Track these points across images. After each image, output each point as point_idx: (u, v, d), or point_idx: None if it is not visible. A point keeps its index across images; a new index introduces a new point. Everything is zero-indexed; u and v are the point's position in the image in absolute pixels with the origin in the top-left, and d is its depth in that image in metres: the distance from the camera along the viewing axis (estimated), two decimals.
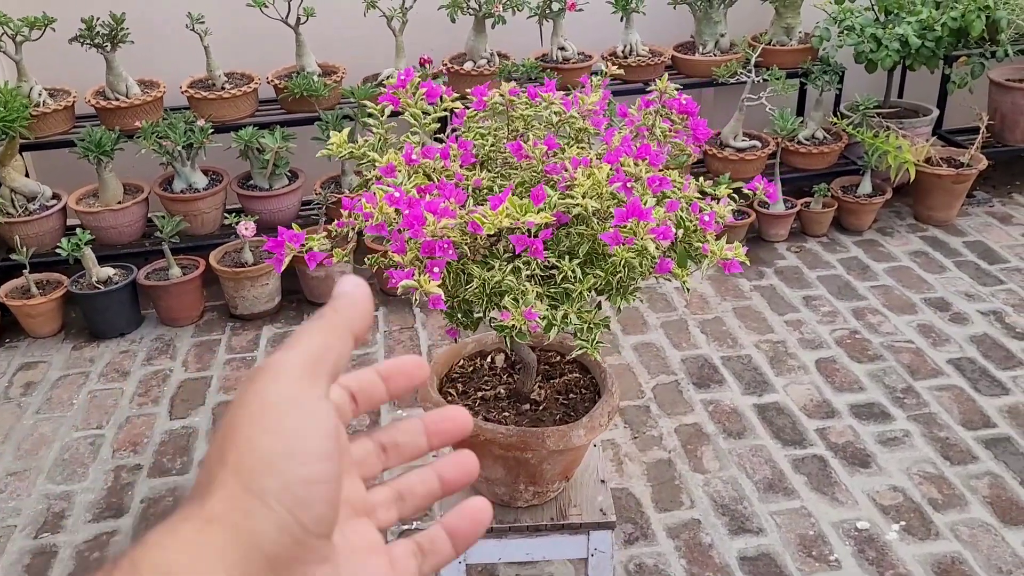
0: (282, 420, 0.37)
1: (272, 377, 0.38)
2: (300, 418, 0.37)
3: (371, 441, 0.45)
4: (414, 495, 0.45)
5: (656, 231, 1.20)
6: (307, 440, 0.37)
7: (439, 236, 1.21)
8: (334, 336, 0.40)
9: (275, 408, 0.37)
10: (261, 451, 0.36)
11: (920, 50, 3.19)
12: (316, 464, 0.37)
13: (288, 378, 0.38)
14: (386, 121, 1.50)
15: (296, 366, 0.39)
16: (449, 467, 0.46)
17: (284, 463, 0.36)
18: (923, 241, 3.33)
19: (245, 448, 0.37)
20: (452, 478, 0.46)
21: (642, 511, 2.12)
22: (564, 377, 1.70)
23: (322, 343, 0.40)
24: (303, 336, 0.40)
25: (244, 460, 0.36)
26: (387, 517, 0.44)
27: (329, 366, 0.40)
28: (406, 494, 0.45)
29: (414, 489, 0.45)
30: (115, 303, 2.89)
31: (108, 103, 3.03)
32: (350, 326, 0.41)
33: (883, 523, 2.06)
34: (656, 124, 1.47)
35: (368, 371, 0.45)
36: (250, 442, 0.37)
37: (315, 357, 0.39)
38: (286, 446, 0.37)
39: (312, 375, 0.39)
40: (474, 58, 3.28)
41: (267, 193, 3.09)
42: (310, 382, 0.39)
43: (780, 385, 2.55)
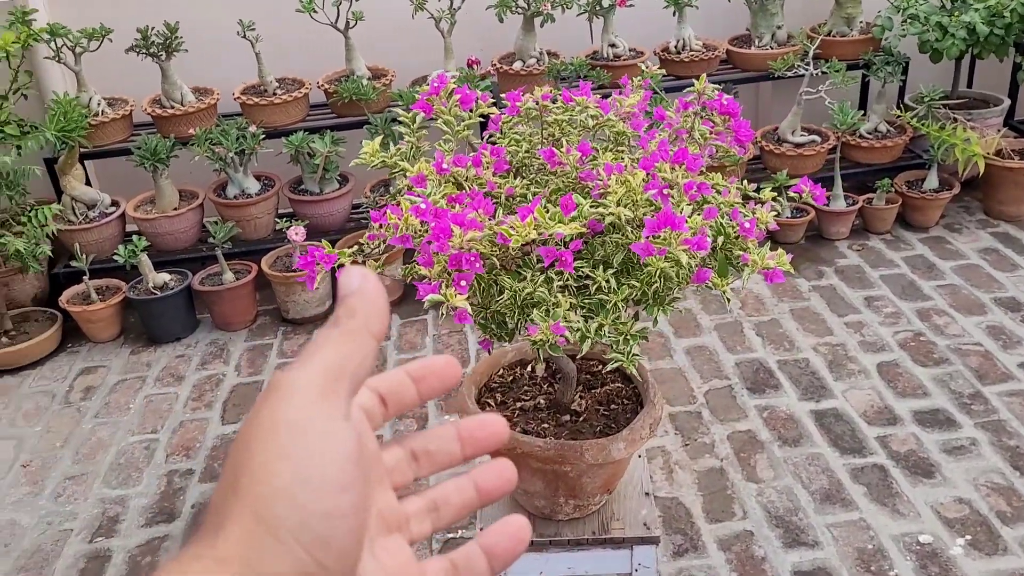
0: (295, 444, 0.34)
1: (286, 396, 0.35)
2: (315, 442, 0.34)
3: (402, 449, 0.43)
4: (449, 505, 0.43)
5: (690, 241, 1.15)
6: (323, 467, 0.34)
7: (466, 249, 1.18)
8: (352, 344, 0.37)
9: (288, 431, 0.34)
10: (275, 479, 0.34)
11: (989, 38, 3.05)
12: (336, 496, 0.34)
13: (302, 397, 0.35)
14: (418, 129, 1.48)
15: (312, 383, 0.36)
16: (487, 476, 0.43)
17: (299, 493, 0.34)
18: (993, 238, 3.19)
19: (259, 475, 0.34)
20: (490, 487, 0.43)
21: (692, 521, 2.07)
22: (606, 387, 1.66)
23: (339, 354, 0.37)
24: (318, 348, 0.37)
25: (258, 489, 0.34)
26: (420, 529, 0.42)
27: (348, 379, 0.37)
28: (441, 504, 0.43)
29: (449, 499, 0.43)
30: (171, 308, 2.94)
31: (164, 111, 3.08)
32: (367, 327, 0.38)
33: (947, 537, 1.96)
34: (696, 126, 1.42)
35: (398, 372, 0.42)
36: (264, 468, 0.34)
37: (332, 371, 0.36)
38: (300, 473, 0.34)
39: (330, 392, 0.36)
40: (523, 57, 3.25)
41: (318, 197, 3.11)
42: (327, 400, 0.36)
43: (839, 390, 2.46)
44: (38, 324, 2.99)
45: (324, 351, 0.37)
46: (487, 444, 0.44)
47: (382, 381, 0.42)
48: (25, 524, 2.22)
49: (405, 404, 0.42)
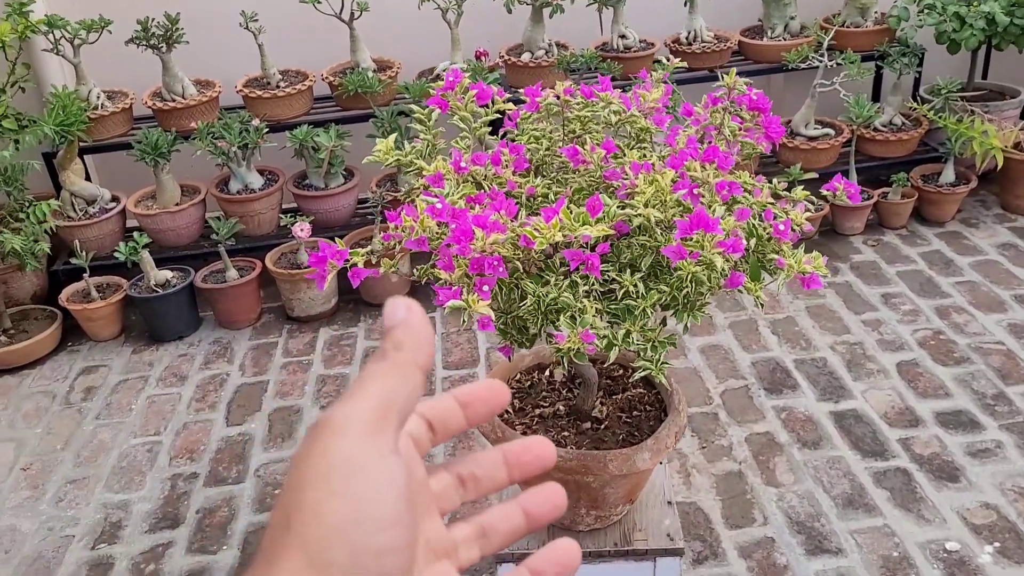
0: (349, 483, 0.34)
1: (338, 433, 0.35)
2: (369, 480, 0.34)
3: (449, 474, 0.43)
4: (498, 532, 0.42)
5: (724, 244, 1.09)
6: (377, 505, 0.34)
7: (488, 252, 1.12)
8: (400, 379, 0.37)
9: (341, 469, 0.34)
10: (328, 518, 0.34)
11: (1008, 28, 2.98)
12: (387, 532, 0.34)
13: (354, 434, 0.35)
14: (434, 126, 1.41)
15: (362, 420, 0.35)
16: (535, 501, 0.43)
17: (353, 532, 0.34)
18: (1012, 233, 3.12)
19: (311, 514, 0.34)
20: (539, 513, 0.43)
21: (711, 528, 2.01)
22: (627, 393, 1.60)
23: (387, 389, 0.37)
24: (367, 383, 0.37)
25: (310, 528, 0.33)
26: (469, 556, 0.42)
27: (396, 413, 0.37)
28: (489, 531, 0.42)
29: (498, 526, 0.42)
30: (173, 306, 2.88)
31: (164, 104, 3.01)
32: (415, 360, 0.38)
33: (975, 544, 1.91)
34: (725, 122, 1.35)
35: (446, 398, 0.42)
36: (317, 507, 0.34)
37: (382, 407, 0.36)
38: (355, 512, 0.34)
39: (379, 428, 0.36)
40: (532, 49, 3.18)
41: (323, 192, 3.04)
42: (378, 437, 0.35)
43: (858, 391, 2.40)
44: (37, 323, 2.93)
45: (373, 385, 0.36)
46: (533, 468, 0.43)
47: (429, 407, 0.42)
48: (25, 530, 2.17)
49: (452, 430, 0.42)
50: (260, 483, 2.26)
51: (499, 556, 1.55)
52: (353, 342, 2.83)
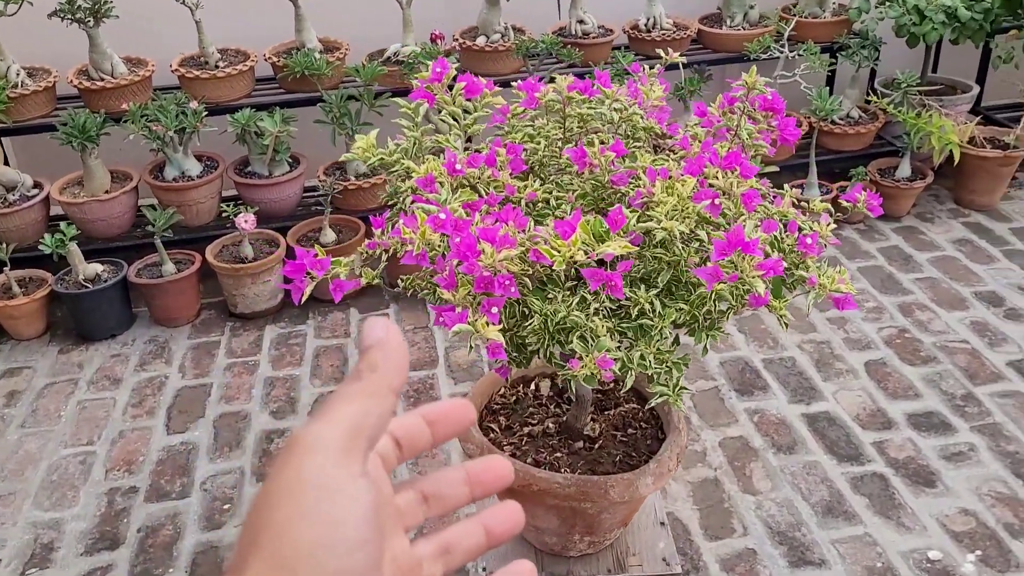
0: (319, 505, 0.34)
1: (310, 453, 0.35)
2: (338, 503, 0.35)
3: (414, 491, 0.43)
4: (460, 549, 0.43)
5: (765, 265, 0.99)
6: (345, 527, 0.35)
7: (498, 270, 1.00)
8: (373, 400, 0.38)
9: (312, 490, 0.35)
10: (296, 539, 0.34)
11: (968, 23, 2.97)
12: (354, 554, 0.34)
13: (326, 456, 0.35)
14: (422, 122, 1.28)
15: (334, 442, 0.36)
16: (496, 519, 0.44)
17: (320, 554, 0.34)
18: (967, 228, 3.13)
19: (279, 533, 0.34)
20: (499, 531, 0.44)
21: (691, 539, 1.93)
22: (620, 408, 1.50)
23: (360, 411, 0.37)
24: (340, 404, 0.37)
25: (278, 548, 0.34)
26: (432, 572, 0.42)
27: (367, 436, 0.37)
28: (452, 548, 0.43)
29: (460, 543, 0.43)
30: (104, 302, 2.67)
31: (92, 83, 2.78)
32: (388, 383, 0.38)
33: (957, 553, 1.87)
34: (742, 125, 1.25)
35: (413, 416, 0.43)
36: (285, 527, 0.34)
37: (353, 429, 0.36)
38: (323, 535, 0.34)
39: (350, 451, 0.36)
40: (487, 32, 3.04)
41: (267, 181, 2.86)
42: (348, 459, 0.36)
43: (829, 392, 2.36)
44: None
45: (346, 407, 0.37)
46: (493, 487, 0.44)
47: (397, 425, 0.42)
48: None
49: (418, 448, 0.43)
50: (207, 497, 2.10)
51: None
52: (302, 341, 2.67)
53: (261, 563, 0.34)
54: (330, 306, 2.81)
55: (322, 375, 2.51)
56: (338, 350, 2.62)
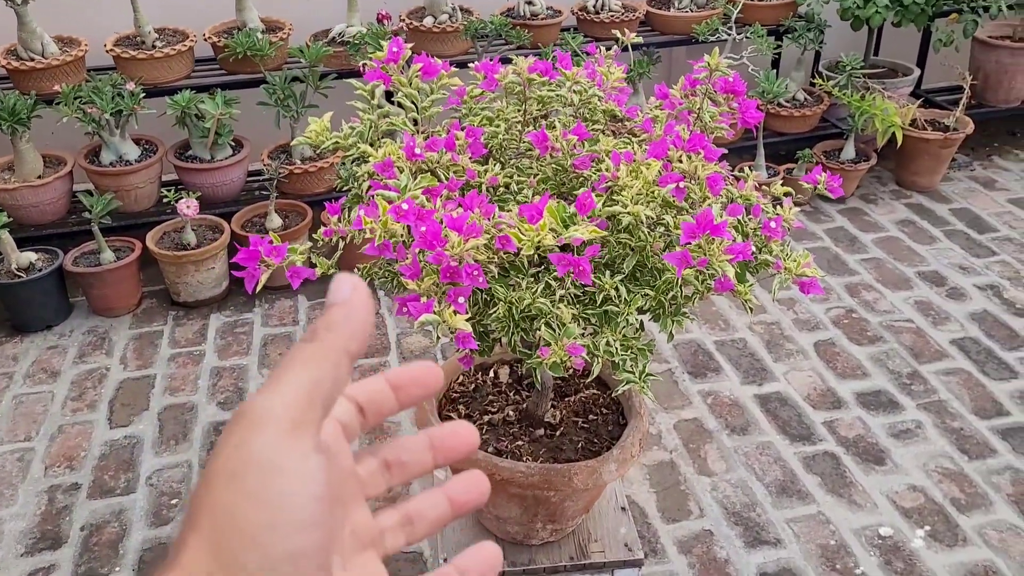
0: (266, 485, 0.32)
1: (256, 428, 0.33)
2: (287, 482, 0.32)
3: (376, 459, 0.41)
4: (423, 519, 0.42)
5: (734, 250, 0.98)
6: (294, 508, 0.32)
7: (465, 259, 0.97)
8: (327, 365, 0.35)
9: (258, 469, 0.32)
10: (241, 522, 0.32)
11: (910, 6, 3.01)
12: (303, 535, 0.32)
13: (274, 430, 0.33)
14: (378, 105, 1.24)
15: (283, 414, 0.33)
16: (460, 489, 0.42)
17: (267, 536, 0.32)
18: (908, 209, 3.19)
19: (223, 516, 0.32)
20: (463, 500, 0.42)
21: (648, 522, 1.94)
22: (580, 394, 1.49)
23: (313, 377, 0.34)
24: (290, 370, 0.34)
25: (221, 532, 0.32)
26: (395, 543, 0.41)
27: (321, 404, 0.34)
28: (416, 518, 0.42)
29: (424, 513, 0.42)
30: (39, 292, 2.57)
31: (21, 64, 2.66)
32: (346, 346, 0.35)
33: (907, 529, 1.91)
34: (704, 108, 1.24)
35: (377, 380, 0.41)
36: (230, 509, 0.32)
37: (305, 399, 0.34)
38: (270, 517, 0.32)
39: (301, 423, 0.33)
40: (435, 13, 2.99)
41: (209, 165, 2.77)
42: (299, 433, 0.33)
43: (780, 372, 2.38)
44: None
45: (297, 372, 0.34)
46: (459, 452, 0.42)
47: (360, 389, 0.40)
48: None
49: (383, 413, 0.41)
50: (154, 493, 2.03)
51: None
52: (249, 329, 2.60)
53: (201, 548, 0.32)
54: (278, 293, 2.75)
55: (271, 364, 2.45)
56: (287, 338, 2.56)
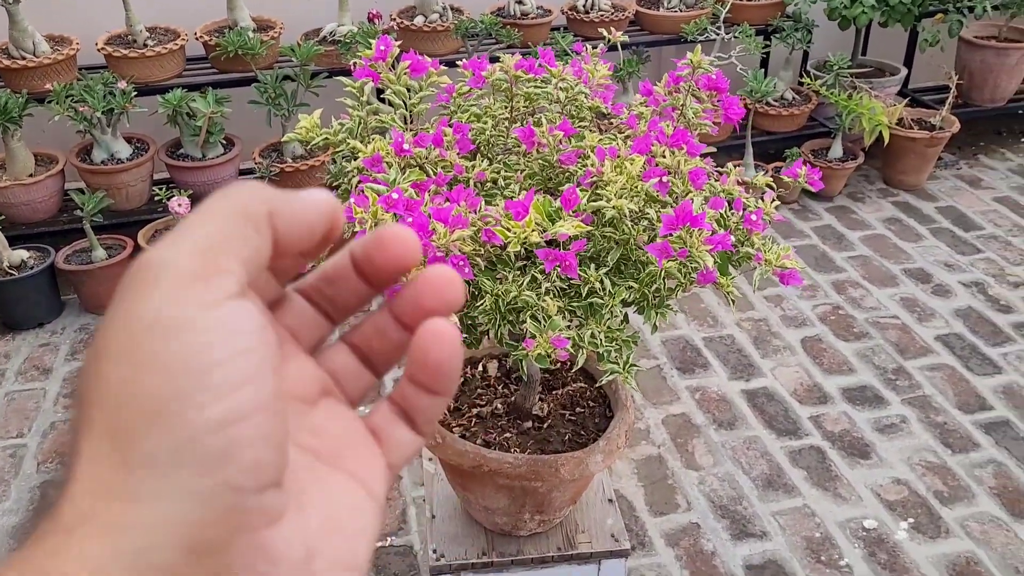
0: (168, 344, 0.25)
1: (151, 282, 0.26)
2: (196, 338, 0.26)
3: (302, 300, 0.34)
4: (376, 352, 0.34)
5: (714, 240, 1.01)
6: (212, 368, 0.26)
7: (451, 250, 0.99)
8: (241, 221, 0.28)
9: (154, 331, 0.26)
10: (142, 400, 0.25)
11: (896, 6, 3.04)
12: (232, 397, 0.26)
13: (173, 281, 0.26)
14: (367, 101, 1.26)
15: (184, 263, 0.26)
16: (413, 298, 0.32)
17: (178, 408, 0.25)
18: (895, 207, 3.22)
19: (115, 398, 0.25)
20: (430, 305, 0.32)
21: (636, 516, 1.96)
22: (568, 387, 1.51)
23: (222, 230, 0.28)
24: (194, 223, 0.28)
25: (114, 416, 0.25)
26: (361, 383, 0.34)
27: (235, 257, 0.27)
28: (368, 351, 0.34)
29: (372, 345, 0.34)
30: (31, 290, 2.58)
31: (13, 62, 2.67)
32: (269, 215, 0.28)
33: (891, 521, 1.94)
34: (687, 104, 1.26)
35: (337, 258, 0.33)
36: (124, 388, 0.25)
37: (212, 248, 0.27)
38: (179, 384, 0.25)
39: (208, 274, 0.27)
40: (425, 12, 3.01)
41: (200, 163, 2.79)
42: (208, 277, 0.27)
43: (767, 368, 2.41)
44: None
45: (205, 225, 0.28)
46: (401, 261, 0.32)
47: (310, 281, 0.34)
48: None
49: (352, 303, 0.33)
50: None
51: (435, 568, 1.44)
52: None
53: (99, 449, 0.25)
54: None
55: None
56: None
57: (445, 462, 1.39)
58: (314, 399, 0.33)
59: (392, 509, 1.97)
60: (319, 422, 0.32)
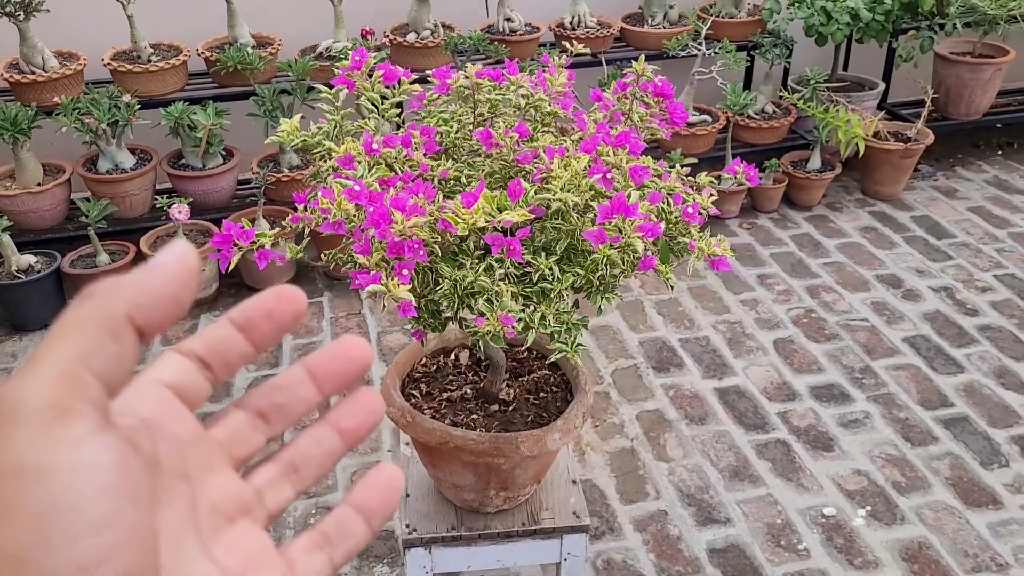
0: (27, 492, 0.26)
1: (7, 424, 0.27)
2: (56, 482, 0.26)
3: (244, 411, 0.35)
4: (310, 462, 0.36)
5: (644, 228, 1.12)
6: (72, 513, 0.26)
7: (408, 236, 1.11)
8: (97, 334, 0.28)
9: (14, 475, 0.26)
10: (2, 546, 0.26)
11: (870, 23, 3.16)
12: (93, 539, 0.26)
13: (30, 423, 0.26)
14: (342, 106, 1.38)
15: (40, 400, 0.27)
16: (347, 413, 0.36)
17: (41, 556, 0.26)
18: (872, 216, 3.33)
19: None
20: (353, 426, 0.36)
21: (607, 503, 2.06)
22: (533, 375, 1.62)
23: (78, 352, 0.28)
24: (51, 347, 0.28)
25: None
26: (280, 498, 0.36)
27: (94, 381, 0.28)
28: (300, 463, 0.36)
29: (308, 453, 0.36)
30: (38, 293, 2.70)
31: (23, 77, 2.81)
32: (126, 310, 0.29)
33: (849, 509, 2.03)
34: (633, 109, 1.38)
35: (219, 323, 0.34)
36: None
37: (69, 378, 0.27)
38: (40, 532, 0.26)
39: (67, 407, 0.27)
40: (417, 29, 3.14)
41: (200, 173, 2.92)
42: (66, 418, 0.27)
43: (740, 367, 2.51)
44: None
45: (58, 348, 0.28)
46: (350, 375, 0.36)
47: (199, 341, 0.34)
48: None
49: (234, 361, 0.34)
50: None
51: (407, 541, 1.54)
52: None
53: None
54: None
55: (257, 359, 2.58)
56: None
57: (416, 440, 1.50)
58: (233, 516, 0.33)
59: None
60: (234, 540, 0.33)
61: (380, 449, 2.22)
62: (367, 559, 1.93)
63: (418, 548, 1.55)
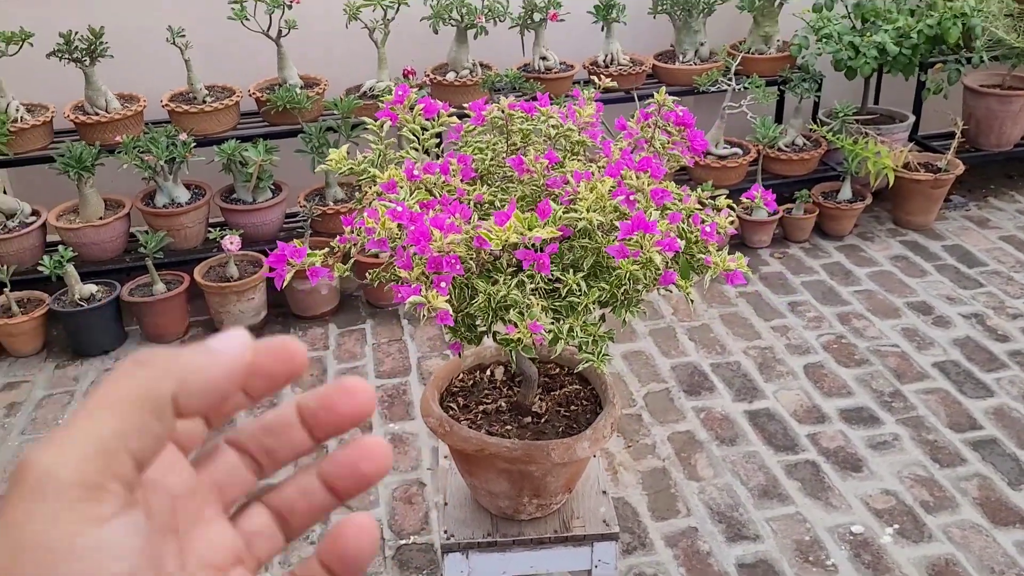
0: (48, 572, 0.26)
1: (35, 497, 0.26)
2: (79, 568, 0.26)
3: (233, 450, 0.34)
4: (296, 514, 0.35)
5: (662, 243, 1.21)
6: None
7: (446, 252, 1.21)
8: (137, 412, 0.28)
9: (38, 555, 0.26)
10: None
11: (897, 57, 3.24)
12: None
13: (59, 499, 0.26)
14: (385, 137, 1.50)
15: (71, 477, 0.27)
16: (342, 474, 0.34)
17: None
18: (903, 246, 3.38)
19: None
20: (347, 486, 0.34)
21: (639, 520, 2.13)
22: (564, 389, 1.71)
23: (116, 429, 0.28)
24: (88, 416, 0.28)
25: None
26: (271, 546, 0.35)
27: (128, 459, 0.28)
28: (287, 513, 0.35)
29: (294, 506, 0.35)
30: (98, 320, 2.86)
31: (88, 118, 3.00)
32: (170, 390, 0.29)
33: (877, 527, 2.08)
34: (655, 136, 1.48)
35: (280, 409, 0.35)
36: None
37: (102, 456, 0.27)
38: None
39: (97, 485, 0.27)
40: (457, 68, 3.28)
41: (251, 207, 3.07)
42: (94, 497, 0.27)
43: (770, 391, 2.57)
44: None
45: (95, 420, 0.28)
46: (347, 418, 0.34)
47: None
48: None
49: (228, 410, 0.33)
50: None
51: (445, 547, 1.63)
52: None
53: None
54: (310, 322, 3.01)
55: (303, 384, 2.70)
56: (318, 362, 2.81)
57: (453, 448, 1.59)
58: (227, 567, 0.33)
59: (416, 511, 2.17)
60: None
61: (420, 467, 2.31)
62: (407, 570, 2.01)
63: (456, 553, 1.63)
